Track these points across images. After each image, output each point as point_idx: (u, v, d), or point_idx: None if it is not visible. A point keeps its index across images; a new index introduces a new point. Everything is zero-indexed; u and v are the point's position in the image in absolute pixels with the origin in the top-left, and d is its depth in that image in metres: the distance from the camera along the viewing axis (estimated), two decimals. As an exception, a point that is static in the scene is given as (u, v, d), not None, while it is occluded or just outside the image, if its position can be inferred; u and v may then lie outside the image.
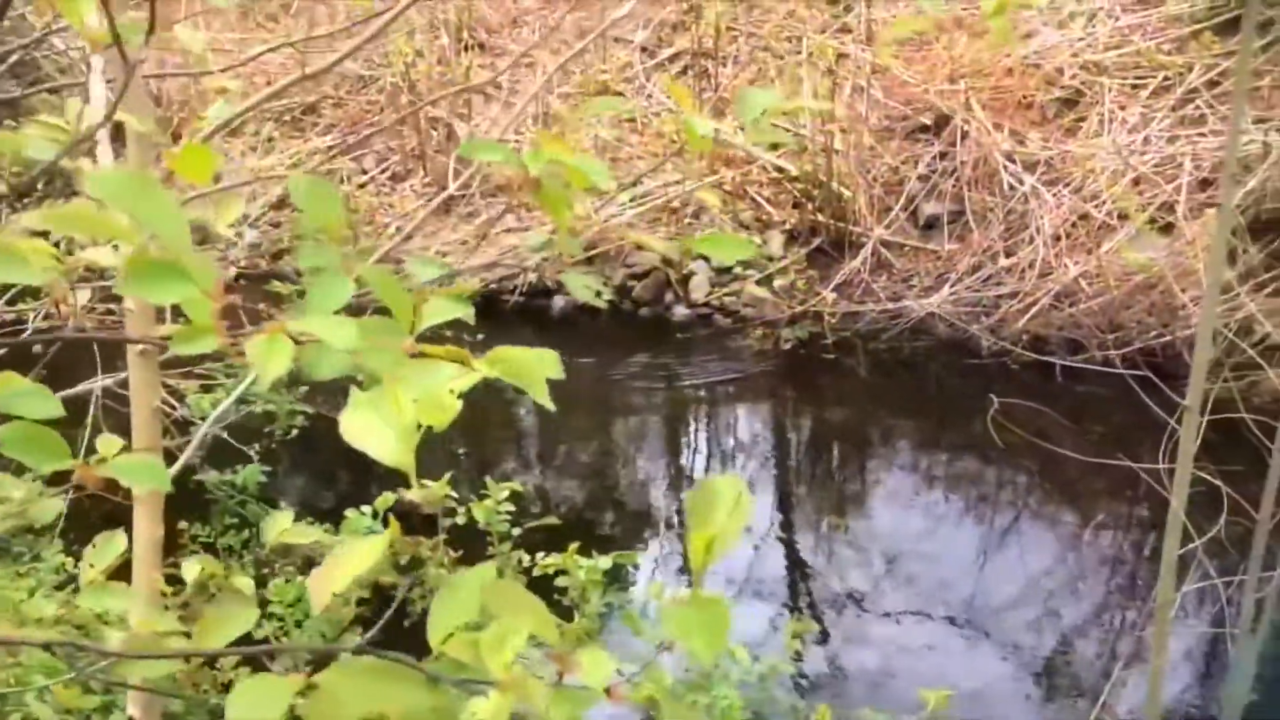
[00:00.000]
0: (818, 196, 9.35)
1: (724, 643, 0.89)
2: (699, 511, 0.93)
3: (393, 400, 0.75)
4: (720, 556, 0.93)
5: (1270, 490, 3.16)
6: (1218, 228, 3.03)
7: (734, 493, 0.94)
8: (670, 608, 0.89)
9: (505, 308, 9.09)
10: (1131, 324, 7.82)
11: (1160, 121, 8.67)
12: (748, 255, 1.22)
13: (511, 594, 0.86)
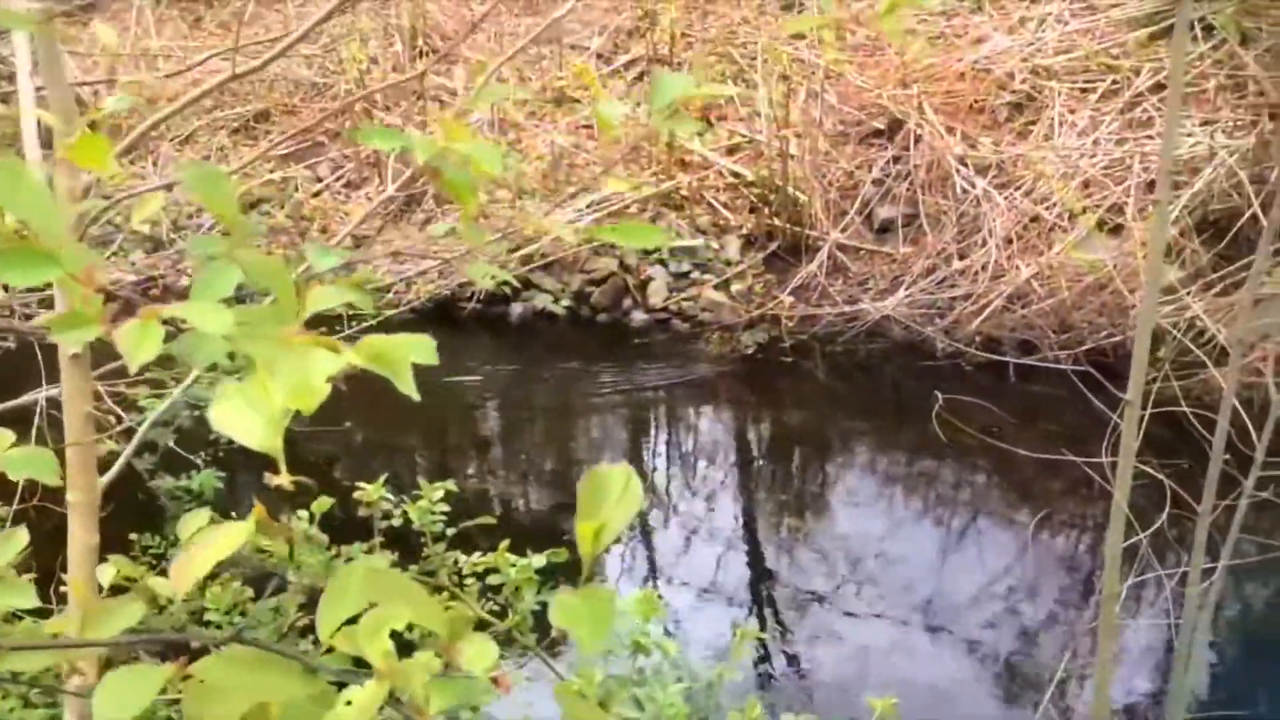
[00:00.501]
0: (774, 201, 9.39)
1: (607, 632, 0.89)
2: (588, 500, 0.93)
3: (260, 387, 0.74)
4: (608, 544, 0.92)
5: (1210, 483, 3.20)
6: (1155, 225, 3.07)
7: (623, 481, 0.93)
8: (559, 598, 0.89)
9: (462, 315, 9.05)
10: (1083, 324, 7.91)
11: (1109, 125, 8.79)
12: (660, 244, 1.21)
13: (395, 584, 0.85)
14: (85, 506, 2.21)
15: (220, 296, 0.82)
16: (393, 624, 0.82)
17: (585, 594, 0.87)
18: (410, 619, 0.84)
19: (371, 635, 0.81)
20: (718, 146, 10.01)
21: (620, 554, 6.24)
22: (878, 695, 4.84)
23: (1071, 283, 8.00)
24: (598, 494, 0.93)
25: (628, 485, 0.94)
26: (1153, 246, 3.12)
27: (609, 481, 0.94)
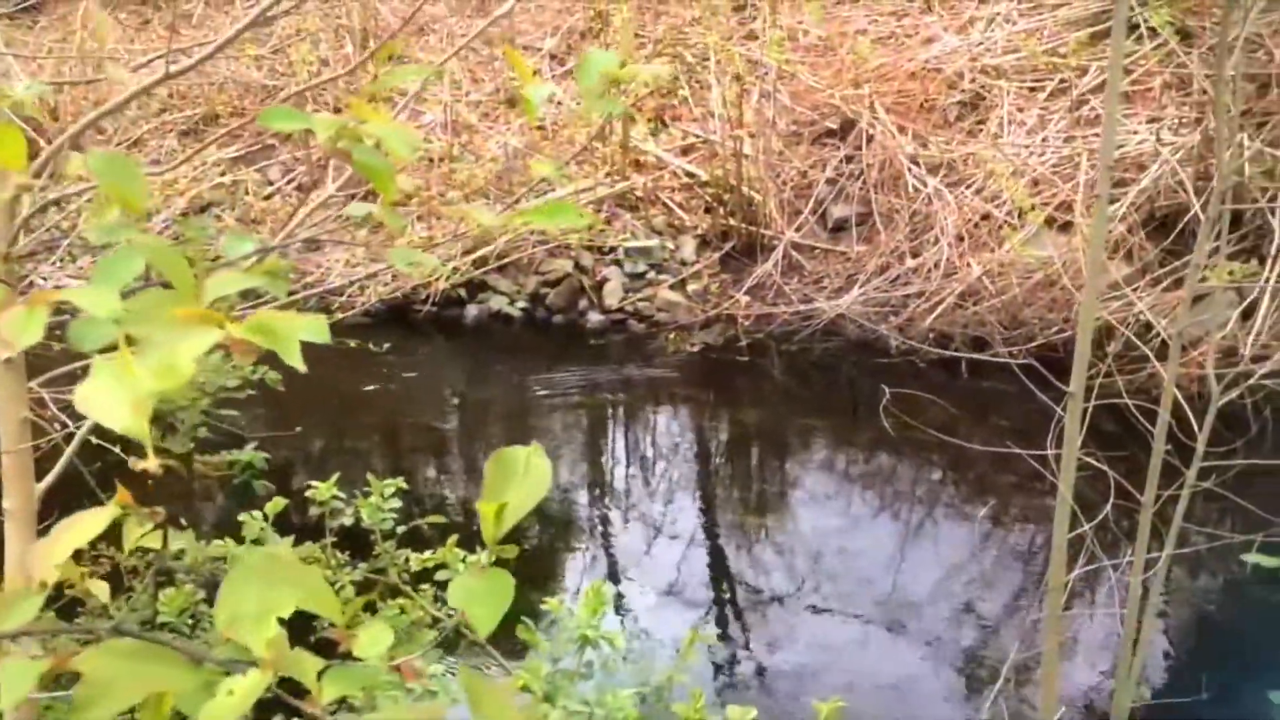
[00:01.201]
0: (729, 201, 9.42)
1: (501, 613, 0.88)
2: (494, 481, 0.92)
3: (126, 366, 0.72)
4: (512, 524, 0.91)
5: (1153, 474, 3.24)
6: (1095, 221, 3.10)
7: (529, 461, 0.92)
8: (458, 579, 0.88)
9: (416, 317, 9.00)
10: (1033, 320, 8.00)
11: (1056, 123, 8.90)
12: (583, 225, 1.20)
13: (292, 571, 0.83)
14: (22, 514, 2.17)
15: (121, 283, 0.80)
16: (280, 611, 0.81)
17: (484, 575, 0.86)
18: (300, 605, 0.82)
19: (256, 623, 0.79)
20: (672, 147, 10.02)
21: (579, 554, 6.22)
22: (830, 689, 4.86)
23: (1022, 279, 8.09)
24: (504, 474, 0.92)
25: (533, 465, 0.93)
26: (1093, 242, 3.16)
27: (515, 462, 0.93)
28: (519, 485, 0.91)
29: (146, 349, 0.73)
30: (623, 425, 8.12)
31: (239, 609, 0.80)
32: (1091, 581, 5.25)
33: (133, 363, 0.71)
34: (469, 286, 9.13)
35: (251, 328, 0.77)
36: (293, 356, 0.82)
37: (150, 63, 2.99)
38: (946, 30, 9.70)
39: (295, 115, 1.11)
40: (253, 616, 0.80)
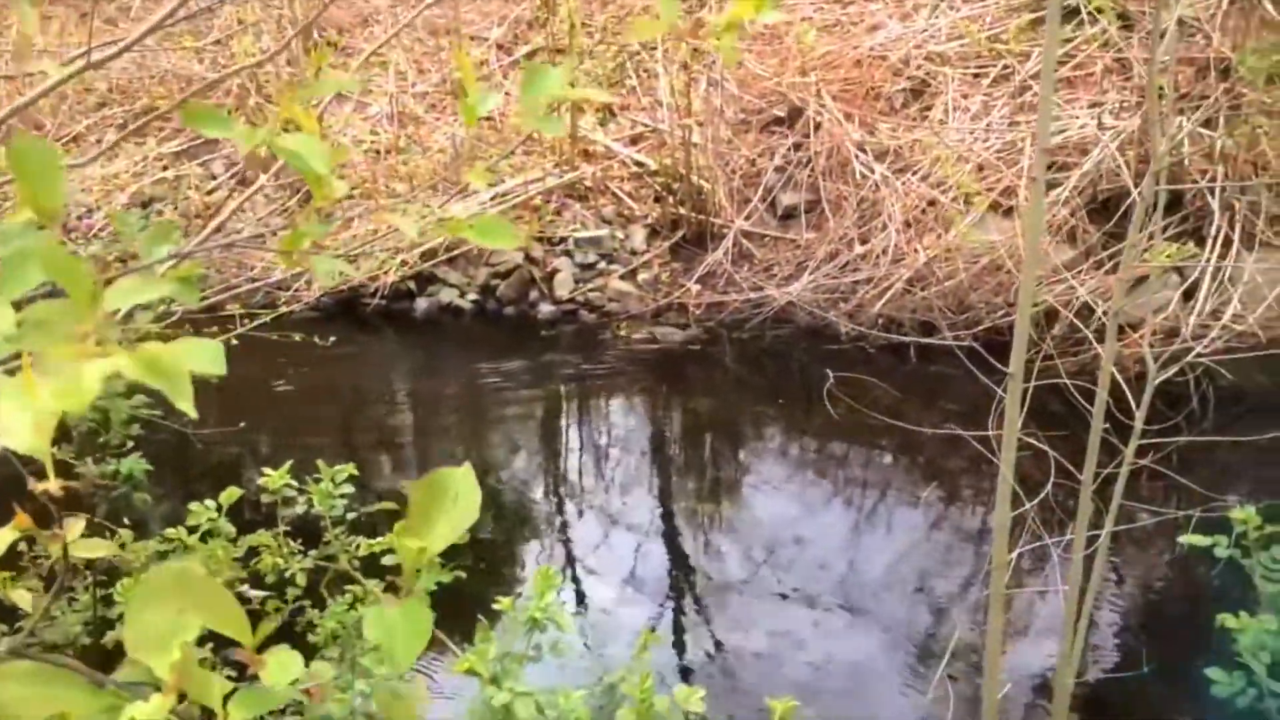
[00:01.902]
0: (678, 190, 9.43)
1: (420, 647, 0.86)
2: (419, 507, 0.89)
3: (29, 386, 0.70)
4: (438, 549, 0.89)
5: (1091, 452, 3.29)
6: (1032, 204, 3.14)
7: (459, 486, 0.90)
8: (375, 609, 0.86)
9: (365, 311, 8.92)
10: (980, 304, 8.09)
11: (1000, 109, 8.98)
12: (516, 245, 1.18)
13: (202, 593, 0.81)
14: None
15: (17, 293, 0.77)
16: (185, 635, 0.79)
17: (403, 606, 0.85)
18: (209, 625, 0.80)
19: (159, 645, 0.78)
20: (621, 136, 10.00)
21: (535, 546, 6.20)
22: (784, 674, 4.89)
23: (968, 264, 8.17)
24: (432, 501, 0.90)
25: (463, 493, 0.90)
26: (1030, 225, 3.19)
27: (444, 488, 0.91)
28: (446, 515, 0.89)
29: (47, 368, 0.70)
30: (576, 416, 8.11)
31: (145, 631, 0.78)
32: (1040, 560, 5.32)
33: (34, 382, 0.69)
34: (418, 279, 9.07)
35: (140, 361, 0.74)
36: (183, 397, 0.78)
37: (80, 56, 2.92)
38: (891, 18, 9.76)
39: (218, 120, 1.09)
40: (157, 639, 0.77)
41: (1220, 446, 6.80)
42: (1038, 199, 3.16)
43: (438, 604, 3.03)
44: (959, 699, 4.33)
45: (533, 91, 1.24)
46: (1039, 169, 3.15)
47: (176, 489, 6.18)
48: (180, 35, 10.23)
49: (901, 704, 4.73)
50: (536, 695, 2.00)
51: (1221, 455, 6.93)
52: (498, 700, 1.92)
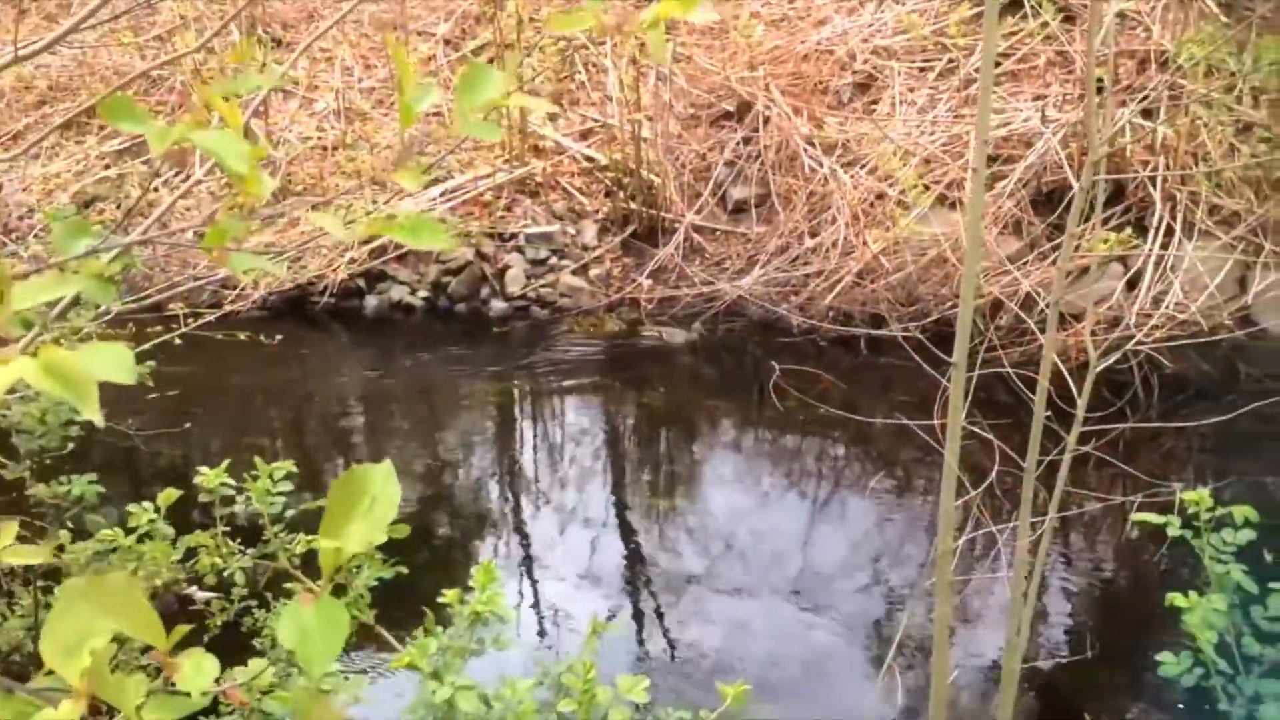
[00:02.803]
0: (629, 185, 9.42)
1: (336, 650, 0.84)
2: (336, 506, 0.88)
3: None
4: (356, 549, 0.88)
5: (1034, 440, 3.33)
6: (972, 194, 3.17)
7: (378, 484, 0.89)
8: (288, 610, 0.85)
9: (314, 309, 8.83)
10: (928, 296, 8.16)
11: (946, 103, 9.07)
12: (446, 245, 1.16)
13: (118, 599, 0.80)
14: None
15: None
16: (96, 641, 0.77)
17: (318, 607, 0.83)
18: (121, 631, 0.79)
19: (69, 652, 0.76)
20: (570, 131, 9.98)
21: (489, 543, 6.17)
22: (738, 666, 4.91)
23: (916, 257, 8.24)
24: (349, 501, 0.88)
25: (382, 493, 0.89)
26: (970, 216, 3.22)
27: (362, 488, 0.89)
28: (364, 514, 0.87)
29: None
30: (529, 412, 8.08)
31: (58, 638, 0.76)
32: (989, 547, 5.38)
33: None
34: (368, 276, 8.99)
35: (43, 368, 0.71)
36: (88, 404, 0.75)
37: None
38: (837, 12, 9.82)
39: (135, 115, 1.07)
40: (69, 646, 0.76)
41: (1165, 433, 6.93)
42: (978, 191, 3.19)
43: (388, 601, 3.00)
44: (910, 686, 4.38)
45: (471, 96, 1.22)
46: (979, 161, 3.18)
47: (121, 491, 6.09)
48: (121, 31, 10.05)
49: (854, 693, 4.77)
50: (481, 689, 1.99)
51: (1167, 442, 7.06)
52: (439, 695, 1.91)
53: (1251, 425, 6.72)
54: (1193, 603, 2.66)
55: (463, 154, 9.59)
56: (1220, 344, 7.90)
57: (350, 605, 2.50)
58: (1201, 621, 2.59)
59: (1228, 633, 2.65)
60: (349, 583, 2.50)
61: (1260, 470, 6.77)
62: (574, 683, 1.95)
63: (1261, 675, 2.64)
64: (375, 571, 2.56)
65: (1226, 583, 2.68)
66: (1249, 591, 2.74)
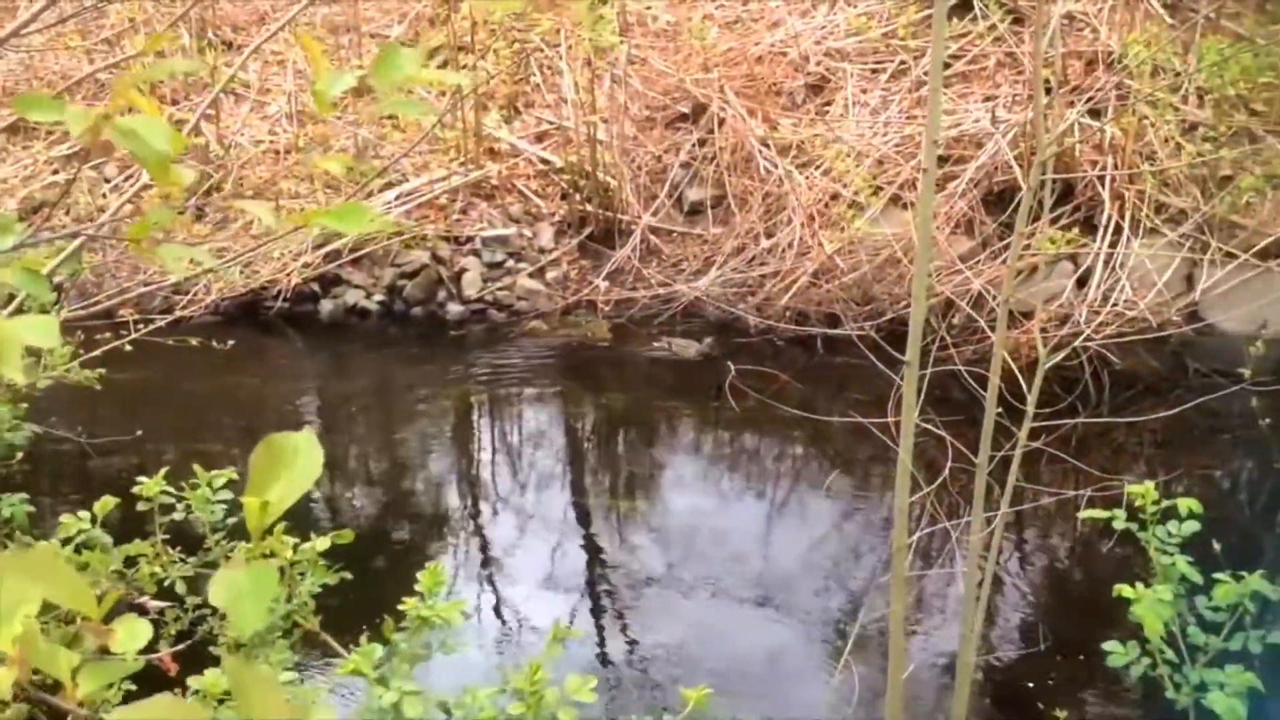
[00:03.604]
0: (585, 187, 9.42)
1: (265, 609, 0.86)
2: (259, 468, 0.89)
3: None
4: (280, 510, 0.89)
5: (985, 436, 3.37)
6: (922, 194, 3.20)
7: (300, 448, 0.90)
8: (220, 573, 0.85)
9: (268, 314, 8.75)
10: (883, 296, 8.23)
11: (899, 104, 9.15)
12: (374, 228, 1.16)
13: (47, 568, 0.79)
14: None
15: None
16: (27, 608, 0.77)
17: (249, 570, 0.84)
18: (51, 599, 0.79)
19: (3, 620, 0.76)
20: (526, 134, 9.96)
21: (449, 548, 6.14)
22: (699, 667, 4.92)
23: (871, 257, 8.31)
24: (271, 462, 0.90)
25: (303, 452, 0.90)
26: (920, 216, 3.26)
27: (284, 449, 0.90)
28: (286, 473, 0.88)
29: None
30: (487, 415, 8.06)
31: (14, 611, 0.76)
32: (945, 542, 5.44)
33: None
34: (322, 281, 8.92)
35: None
36: (10, 365, 0.76)
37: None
38: (790, 14, 9.87)
39: (47, 105, 1.06)
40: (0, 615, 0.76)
41: (1116, 428, 7.05)
42: (928, 191, 3.23)
43: (346, 610, 2.97)
44: (868, 681, 4.41)
45: (386, 73, 1.24)
46: (929, 161, 3.22)
47: (73, 501, 6.00)
48: (68, 35, 9.90)
49: (813, 690, 4.80)
50: (430, 695, 1.99)
51: (1118, 437, 7.17)
52: (385, 700, 1.90)
53: (1200, 420, 6.89)
54: (1139, 594, 2.71)
55: (417, 157, 9.54)
56: (1169, 340, 8.05)
57: (295, 612, 2.49)
58: (1147, 612, 2.64)
59: (1173, 623, 2.71)
60: (293, 589, 2.48)
61: (1208, 463, 6.91)
62: (522, 684, 1.95)
63: (1207, 664, 2.69)
64: (319, 578, 2.55)
65: (1172, 574, 2.74)
66: (1194, 582, 2.79)
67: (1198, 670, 2.70)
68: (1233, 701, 2.39)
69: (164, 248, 1.09)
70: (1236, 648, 2.77)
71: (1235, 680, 2.47)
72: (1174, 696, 2.69)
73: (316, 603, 2.79)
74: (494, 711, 2.06)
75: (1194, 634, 2.79)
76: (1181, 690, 2.68)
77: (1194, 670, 2.71)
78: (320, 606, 2.79)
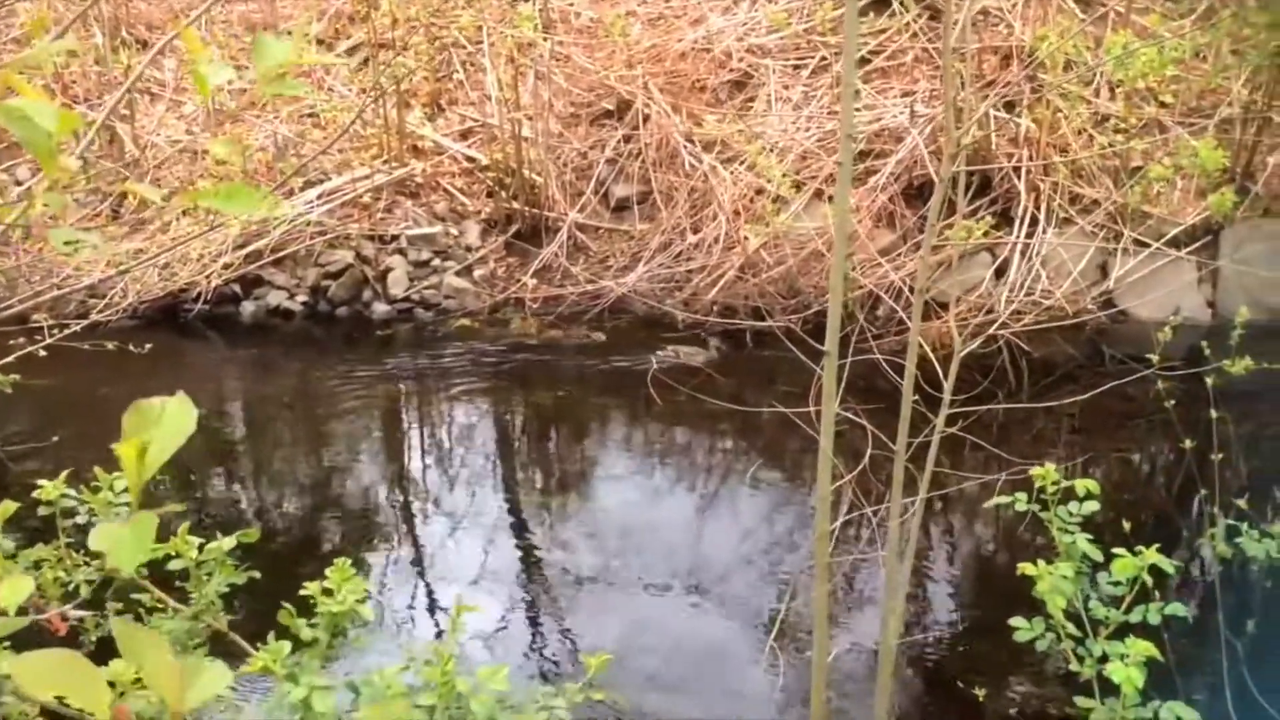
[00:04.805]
0: (511, 184, 9.39)
1: (143, 553, 0.87)
2: (131, 429, 0.90)
3: None
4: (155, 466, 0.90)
5: (903, 423, 3.43)
6: (838, 187, 3.25)
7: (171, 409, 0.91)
8: (102, 525, 0.86)
9: (188, 317, 8.59)
10: (809, 289, 8.33)
11: (820, 99, 9.26)
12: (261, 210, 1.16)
13: None
14: None
15: None
16: None
17: (133, 523, 0.85)
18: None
19: None
20: (450, 131, 9.90)
21: (380, 549, 6.08)
22: (634, 659, 4.94)
23: (796, 251, 8.40)
24: (142, 423, 0.90)
25: (172, 412, 0.91)
26: (837, 208, 3.31)
27: (153, 411, 0.92)
28: (159, 432, 0.89)
29: None
30: (415, 415, 8.00)
31: None
32: (871, 528, 5.51)
33: None
34: (244, 282, 8.78)
35: None
36: None
37: None
38: (713, 11, 9.94)
39: None
40: None
41: (1036, 414, 7.21)
42: (844, 184, 3.28)
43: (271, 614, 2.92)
44: (795, 666, 4.47)
45: (265, 60, 1.27)
46: (844, 154, 3.27)
47: None
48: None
49: (742, 677, 4.85)
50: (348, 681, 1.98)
51: (1038, 423, 7.34)
52: (294, 695, 1.89)
53: (1117, 404, 7.08)
54: (1041, 572, 2.79)
55: (339, 155, 9.43)
56: (1085, 327, 8.27)
57: (203, 612, 2.46)
58: (1050, 589, 2.72)
59: (1076, 598, 2.79)
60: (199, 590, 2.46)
61: (1123, 446, 7.10)
62: (431, 674, 1.96)
63: (1108, 637, 2.78)
64: (227, 577, 2.52)
65: (1074, 551, 2.82)
66: (1096, 560, 2.88)
67: (1099, 643, 2.79)
68: (1132, 671, 2.47)
69: (54, 230, 1.08)
70: (1137, 620, 2.87)
71: (1135, 651, 2.56)
72: (1078, 669, 2.78)
73: (242, 607, 2.76)
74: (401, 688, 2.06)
75: (1095, 608, 2.88)
76: (1085, 663, 2.77)
77: (1096, 643, 2.80)
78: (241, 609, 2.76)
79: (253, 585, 2.81)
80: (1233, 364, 4.01)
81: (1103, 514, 3.07)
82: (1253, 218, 8.64)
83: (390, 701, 1.99)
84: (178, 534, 2.52)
